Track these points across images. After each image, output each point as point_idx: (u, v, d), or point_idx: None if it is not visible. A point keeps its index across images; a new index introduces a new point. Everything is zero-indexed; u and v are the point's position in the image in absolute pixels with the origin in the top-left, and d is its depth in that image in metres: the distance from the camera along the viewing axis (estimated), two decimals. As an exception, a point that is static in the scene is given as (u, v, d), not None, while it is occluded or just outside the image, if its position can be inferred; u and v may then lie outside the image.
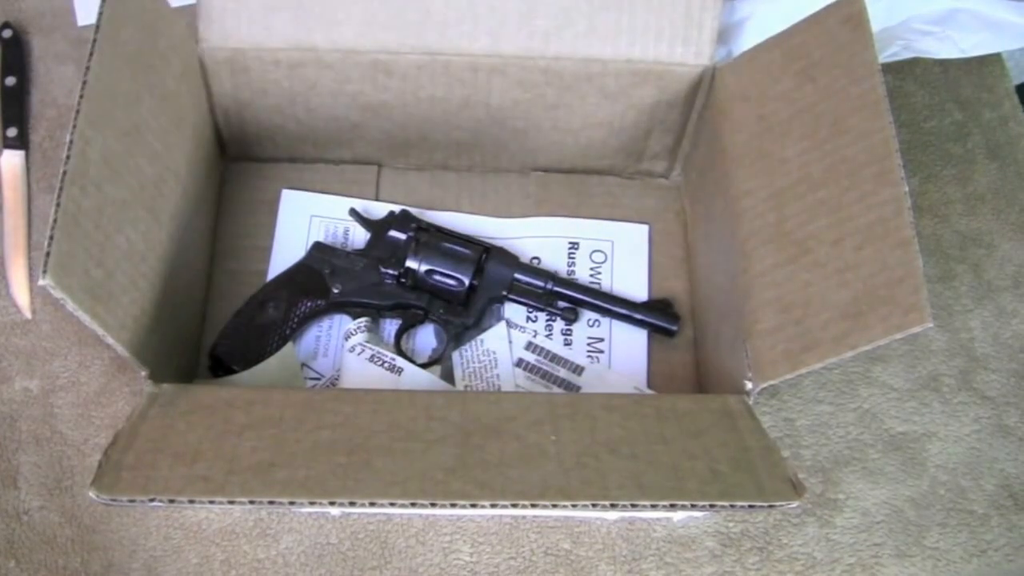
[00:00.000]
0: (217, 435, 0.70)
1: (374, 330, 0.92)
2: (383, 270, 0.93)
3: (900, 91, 1.09)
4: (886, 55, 1.01)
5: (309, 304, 0.92)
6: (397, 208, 0.97)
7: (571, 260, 0.98)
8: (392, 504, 0.65)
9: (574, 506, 0.66)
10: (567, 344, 0.95)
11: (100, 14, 0.72)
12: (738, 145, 0.84)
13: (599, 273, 0.98)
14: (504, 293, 0.94)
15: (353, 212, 0.96)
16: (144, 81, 0.77)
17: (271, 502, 0.65)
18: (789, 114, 0.81)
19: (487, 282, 0.94)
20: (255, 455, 0.68)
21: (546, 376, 0.92)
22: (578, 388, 0.91)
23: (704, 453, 0.71)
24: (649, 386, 0.93)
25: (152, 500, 0.64)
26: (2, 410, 0.88)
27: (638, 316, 0.94)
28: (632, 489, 0.67)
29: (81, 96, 0.69)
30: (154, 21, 0.79)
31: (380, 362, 0.89)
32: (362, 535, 0.85)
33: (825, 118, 0.78)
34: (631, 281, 0.98)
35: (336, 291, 0.92)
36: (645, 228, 1.01)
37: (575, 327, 0.95)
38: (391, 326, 0.95)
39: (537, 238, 0.99)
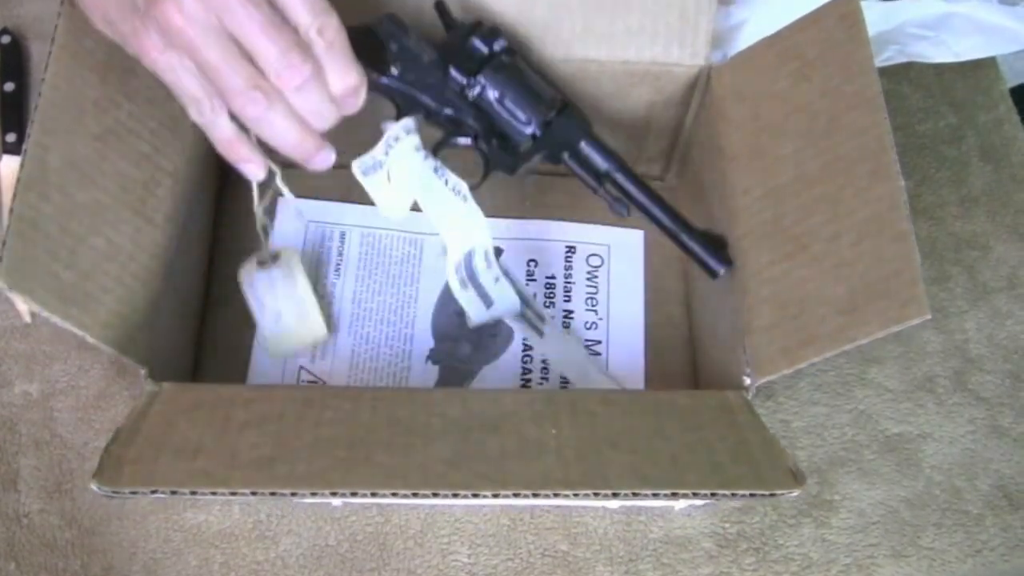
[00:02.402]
0: (218, 431, 0.70)
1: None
2: (452, 72, 0.82)
3: (895, 94, 1.10)
4: (881, 59, 1.01)
5: None
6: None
7: (568, 263, 0.99)
8: (394, 494, 0.65)
9: (576, 495, 0.66)
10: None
11: (56, 27, 0.74)
12: (734, 144, 0.84)
13: (596, 277, 0.98)
14: (562, 156, 0.86)
15: (439, 5, 0.85)
16: (120, 87, 0.78)
17: (273, 493, 0.65)
18: (785, 113, 0.81)
19: (550, 137, 0.85)
20: (256, 450, 0.68)
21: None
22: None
23: (704, 446, 0.71)
24: (647, 384, 0.93)
25: (154, 492, 0.65)
26: (2, 414, 0.88)
27: (687, 240, 0.86)
28: (633, 480, 0.67)
29: (36, 107, 0.71)
30: None
31: (444, 179, 0.84)
32: (360, 537, 0.86)
33: (821, 116, 0.78)
34: (627, 284, 0.98)
35: (395, 72, 0.82)
36: (640, 233, 1.01)
37: (573, 328, 0.95)
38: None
39: (535, 240, 0.99)
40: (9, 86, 1.00)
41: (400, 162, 0.81)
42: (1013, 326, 0.98)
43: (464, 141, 0.85)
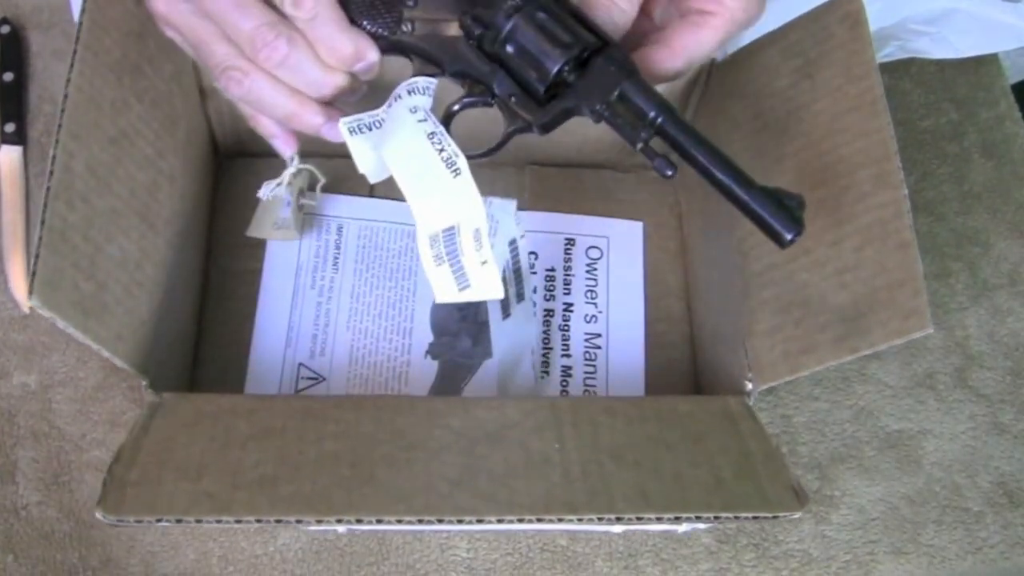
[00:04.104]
0: (220, 447, 0.70)
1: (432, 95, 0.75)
2: (469, 22, 0.72)
3: (896, 90, 1.10)
4: (882, 55, 1.01)
5: (368, 29, 0.73)
6: None
7: (567, 255, 0.98)
8: (399, 521, 0.65)
9: (579, 520, 0.66)
10: (564, 337, 0.95)
11: (80, 24, 0.72)
12: (734, 143, 0.84)
13: (595, 269, 0.98)
14: (598, 107, 0.71)
15: None
16: (132, 87, 0.77)
17: (278, 521, 0.65)
18: (786, 112, 0.81)
19: (584, 83, 0.71)
20: (259, 468, 0.68)
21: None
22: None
23: (707, 460, 0.71)
24: (646, 383, 0.93)
25: (159, 520, 0.64)
26: (0, 405, 0.88)
27: (749, 201, 0.69)
28: (637, 501, 0.67)
29: (62, 110, 0.69)
30: (141, 25, 0.78)
31: (440, 147, 0.72)
32: (359, 531, 0.85)
33: (822, 116, 0.78)
34: (627, 277, 0.98)
35: (406, 29, 0.74)
36: (639, 225, 1.01)
37: (572, 320, 0.96)
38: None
39: (534, 232, 0.99)
40: (8, 76, 1.00)
41: (391, 123, 0.73)
42: (1014, 323, 0.98)
43: (485, 101, 0.76)
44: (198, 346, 0.92)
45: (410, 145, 0.72)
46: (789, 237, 0.67)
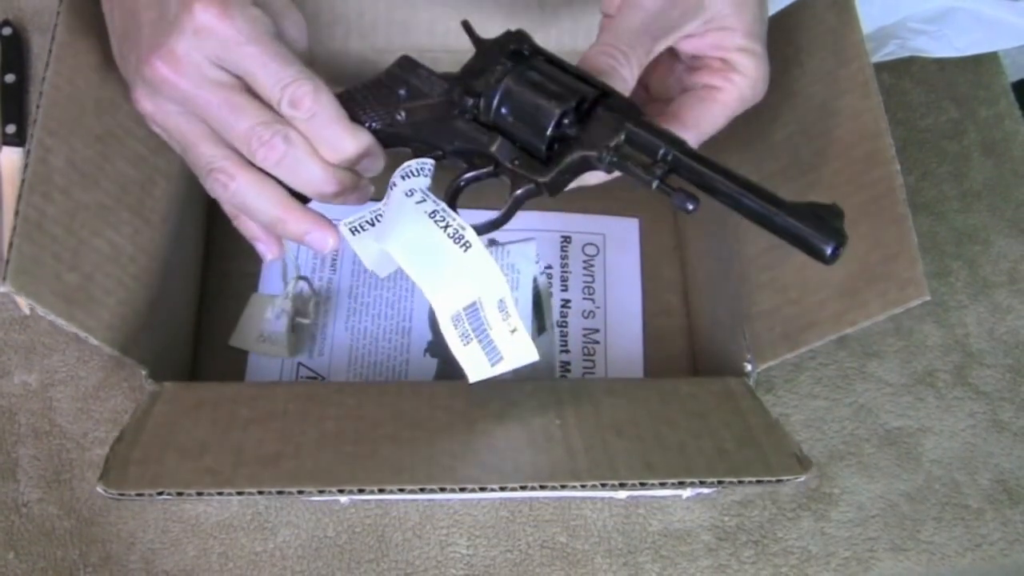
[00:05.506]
0: (222, 429, 0.70)
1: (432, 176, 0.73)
2: (462, 97, 0.71)
3: (896, 88, 1.10)
4: (882, 54, 1.01)
5: (366, 125, 0.72)
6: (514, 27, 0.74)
7: (564, 253, 0.99)
8: (401, 490, 0.65)
9: (583, 486, 0.66)
10: (562, 334, 0.95)
11: (55, 25, 0.73)
12: (727, 131, 0.84)
13: (592, 266, 0.98)
14: (604, 154, 0.67)
15: (466, 24, 0.75)
16: (119, 87, 0.77)
17: (280, 492, 0.65)
18: (777, 98, 0.80)
19: (587, 133, 0.67)
20: (261, 447, 0.69)
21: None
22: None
23: (709, 433, 0.71)
24: (645, 372, 0.93)
25: (160, 493, 0.65)
26: (1, 404, 0.88)
27: (780, 221, 0.63)
28: (640, 469, 0.67)
29: (37, 106, 0.70)
30: None
31: (444, 224, 0.68)
32: (359, 528, 0.85)
33: (813, 101, 0.78)
34: (624, 273, 0.99)
35: (400, 117, 0.73)
36: (635, 222, 1.02)
37: (570, 317, 0.96)
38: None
39: (530, 230, 0.98)
40: (10, 78, 1.00)
41: (390, 213, 0.72)
42: (1014, 320, 0.98)
43: (489, 172, 0.72)
44: (197, 346, 0.92)
45: (412, 229, 0.69)
46: (830, 251, 0.62)
